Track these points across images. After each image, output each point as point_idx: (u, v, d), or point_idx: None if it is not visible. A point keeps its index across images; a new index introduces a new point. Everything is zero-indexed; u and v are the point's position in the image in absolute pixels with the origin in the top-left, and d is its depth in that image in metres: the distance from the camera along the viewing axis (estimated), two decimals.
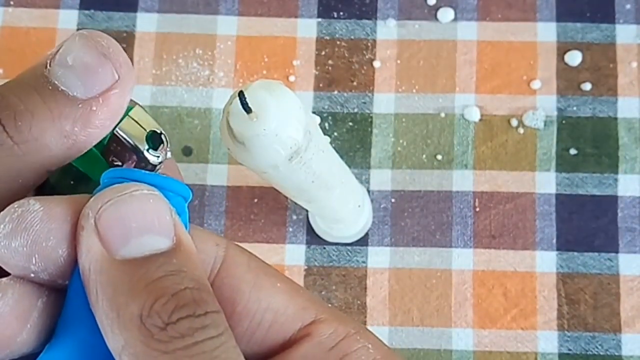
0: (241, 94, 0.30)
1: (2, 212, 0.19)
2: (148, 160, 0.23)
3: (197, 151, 0.53)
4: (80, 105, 0.21)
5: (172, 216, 0.20)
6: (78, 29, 0.55)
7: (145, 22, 0.55)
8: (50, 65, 0.21)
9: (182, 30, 0.55)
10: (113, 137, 0.23)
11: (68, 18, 0.55)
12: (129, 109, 0.23)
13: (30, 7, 0.55)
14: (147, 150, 0.23)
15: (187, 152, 0.53)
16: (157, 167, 0.23)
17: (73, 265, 0.20)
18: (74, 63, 0.21)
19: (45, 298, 0.20)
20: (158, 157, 0.23)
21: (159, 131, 0.23)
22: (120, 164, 0.23)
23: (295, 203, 0.50)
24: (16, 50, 0.55)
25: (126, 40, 0.54)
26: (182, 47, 0.54)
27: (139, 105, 0.24)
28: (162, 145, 0.23)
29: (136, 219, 0.19)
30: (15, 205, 0.19)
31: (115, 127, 0.22)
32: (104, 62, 0.21)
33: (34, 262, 0.19)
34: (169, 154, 0.24)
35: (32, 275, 0.20)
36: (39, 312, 0.20)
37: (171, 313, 0.19)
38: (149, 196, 0.20)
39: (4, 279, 0.20)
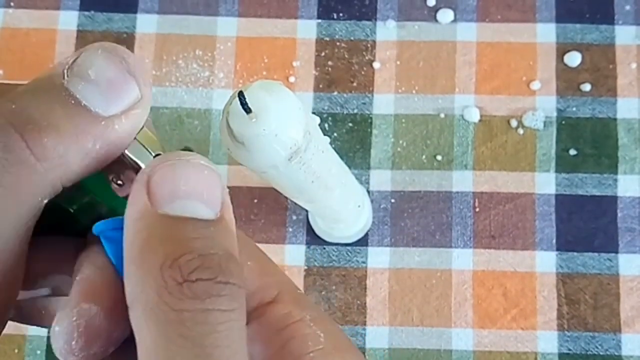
0: (241, 94, 0.30)
1: (69, 324, 0.19)
2: None
3: (197, 152, 0.53)
4: (102, 123, 0.20)
5: (222, 193, 0.20)
6: (78, 30, 0.55)
7: (145, 23, 0.55)
8: (67, 76, 0.20)
9: (182, 31, 0.55)
10: (118, 157, 0.22)
11: (68, 19, 0.55)
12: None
13: (31, 8, 0.55)
14: None
15: None
16: None
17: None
18: (97, 77, 0.20)
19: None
20: None
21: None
22: (121, 183, 0.23)
23: (295, 203, 0.50)
24: (16, 52, 0.55)
25: (126, 41, 0.55)
26: (182, 48, 0.54)
27: (145, 127, 0.23)
28: None
29: (186, 183, 0.20)
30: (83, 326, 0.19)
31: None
32: (129, 79, 0.21)
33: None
34: None
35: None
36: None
37: (192, 271, 0.18)
38: (204, 167, 0.20)
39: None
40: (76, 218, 0.23)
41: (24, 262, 0.21)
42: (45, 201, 0.20)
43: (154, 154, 0.22)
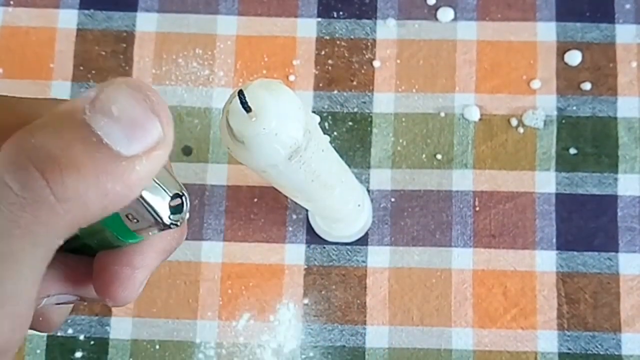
0: (241, 93, 0.30)
1: None
2: (167, 225, 0.22)
3: (197, 151, 0.53)
4: (123, 163, 0.19)
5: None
6: (78, 29, 0.55)
7: (145, 22, 0.55)
8: (89, 112, 0.19)
9: (182, 29, 0.55)
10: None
11: (68, 18, 0.55)
12: None
13: (30, 6, 0.55)
14: (168, 216, 0.22)
15: (187, 151, 0.53)
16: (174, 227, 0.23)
17: None
18: (120, 115, 0.19)
19: None
20: (177, 222, 0.22)
21: (180, 193, 0.22)
22: (136, 220, 0.22)
23: (295, 202, 0.50)
24: (16, 50, 0.55)
25: (126, 40, 0.54)
26: (182, 46, 0.54)
27: (163, 166, 0.22)
28: (183, 208, 0.22)
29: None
30: None
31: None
32: (152, 118, 0.20)
33: None
34: (187, 216, 0.23)
35: None
36: None
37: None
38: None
39: None
40: (81, 239, 0.23)
41: (38, 295, 0.20)
42: (61, 242, 0.20)
43: (171, 194, 0.22)
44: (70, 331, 0.51)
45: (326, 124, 0.53)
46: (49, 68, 0.54)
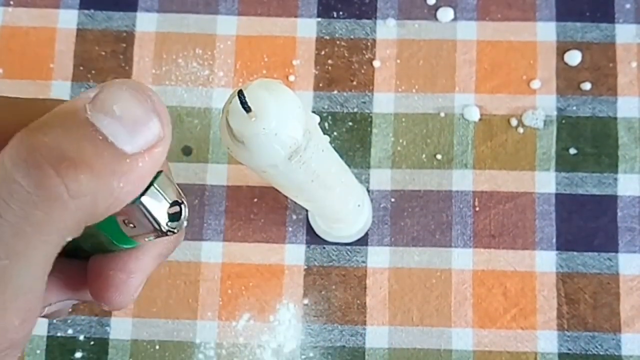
0: (240, 93, 0.29)
1: None
2: (164, 232, 0.22)
3: (197, 151, 0.53)
4: (128, 161, 0.20)
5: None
6: (78, 29, 0.55)
7: (145, 22, 0.55)
8: (91, 110, 0.20)
9: (182, 30, 0.55)
10: (134, 202, 0.21)
11: (68, 18, 0.55)
12: (155, 177, 0.22)
13: (30, 6, 0.55)
14: (166, 222, 0.22)
15: (186, 151, 0.53)
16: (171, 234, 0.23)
17: None
18: (123, 114, 0.20)
19: None
20: (174, 229, 0.23)
21: (180, 201, 0.23)
22: (133, 225, 0.22)
23: (295, 203, 0.50)
24: (16, 50, 0.55)
25: (126, 40, 0.54)
26: (182, 46, 0.54)
27: (163, 172, 0.23)
28: (181, 215, 0.23)
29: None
30: None
31: (141, 195, 0.21)
32: (153, 117, 0.20)
33: None
34: (185, 223, 0.23)
35: None
36: None
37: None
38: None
39: None
40: (75, 242, 0.23)
41: (43, 294, 0.21)
42: (69, 239, 0.20)
43: (170, 201, 0.22)
44: (70, 331, 0.51)
45: (326, 124, 0.53)
46: (49, 68, 0.54)
